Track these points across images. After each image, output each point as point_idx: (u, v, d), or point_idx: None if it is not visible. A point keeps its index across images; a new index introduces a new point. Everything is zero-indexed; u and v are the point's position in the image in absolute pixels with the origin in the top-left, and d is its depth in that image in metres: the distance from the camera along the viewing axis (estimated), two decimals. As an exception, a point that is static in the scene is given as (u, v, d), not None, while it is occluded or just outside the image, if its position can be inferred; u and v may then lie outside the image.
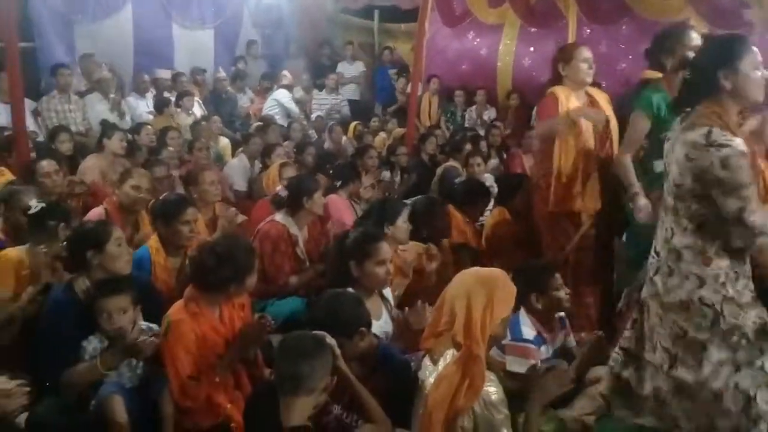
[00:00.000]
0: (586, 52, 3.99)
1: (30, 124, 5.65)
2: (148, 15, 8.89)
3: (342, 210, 4.60)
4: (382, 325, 3.14)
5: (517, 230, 4.65)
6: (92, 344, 2.93)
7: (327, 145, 7.57)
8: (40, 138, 6.24)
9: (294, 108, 8.81)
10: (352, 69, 10.13)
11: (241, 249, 2.99)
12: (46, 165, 4.48)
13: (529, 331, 3.01)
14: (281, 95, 8.86)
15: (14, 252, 3.35)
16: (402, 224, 3.76)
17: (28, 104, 5.86)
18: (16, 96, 4.54)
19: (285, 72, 9.32)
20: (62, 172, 4.73)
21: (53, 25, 7.99)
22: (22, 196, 3.70)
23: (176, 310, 2.87)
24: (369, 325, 2.74)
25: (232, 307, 3.00)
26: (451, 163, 6.48)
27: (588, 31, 8.15)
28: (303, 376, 2.22)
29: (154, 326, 3.04)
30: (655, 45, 3.74)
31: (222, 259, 2.87)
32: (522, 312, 3.05)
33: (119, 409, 2.75)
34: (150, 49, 8.84)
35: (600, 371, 3.18)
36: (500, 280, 2.48)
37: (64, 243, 3.23)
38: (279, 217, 4.12)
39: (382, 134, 8.23)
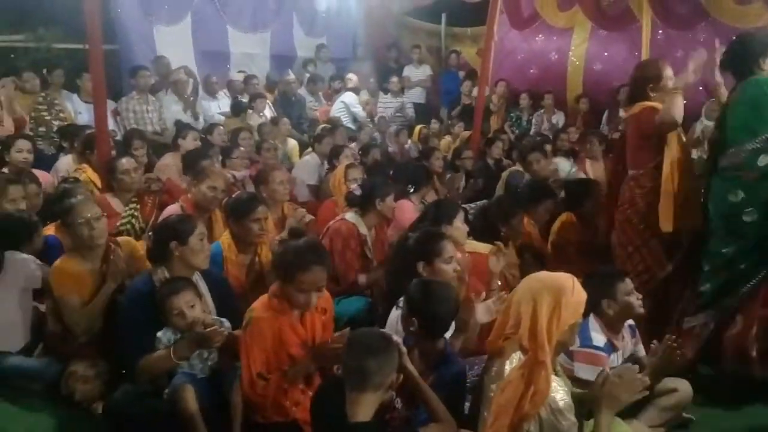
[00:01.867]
0: (669, 70, 3.85)
1: (109, 123, 5.88)
2: (206, 21, 9.19)
3: (410, 215, 4.58)
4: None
5: (584, 236, 4.58)
6: (166, 335, 3.03)
7: (391, 148, 7.61)
8: (118, 137, 6.50)
9: (360, 111, 8.90)
10: (419, 72, 10.16)
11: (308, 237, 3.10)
12: (126, 162, 4.67)
13: (599, 337, 2.96)
14: (348, 98, 8.98)
15: (71, 262, 3.47)
16: (460, 225, 3.78)
17: (109, 104, 6.12)
18: (99, 96, 4.73)
19: (350, 75, 9.43)
20: (140, 169, 4.93)
21: (134, 28, 8.33)
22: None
23: (259, 305, 2.91)
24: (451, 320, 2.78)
25: (315, 309, 3.01)
26: (517, 167, 6.43)
27: (662, 35, 7.94)
28: (370, 373, 2.24)
29: (224, 320, 3.15)
30: (742, 49, 3.59)
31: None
32: (592, 318, 3.00)
33: (191, 398, 2.85)
34: (208, 53, 9.13)
35: (671, 383, 3.11)
36: (569, 285, 2.44)
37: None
38: (349, 216, 4.20)
39: (448, 138, 8.23)
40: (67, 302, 3.35)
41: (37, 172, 5.00)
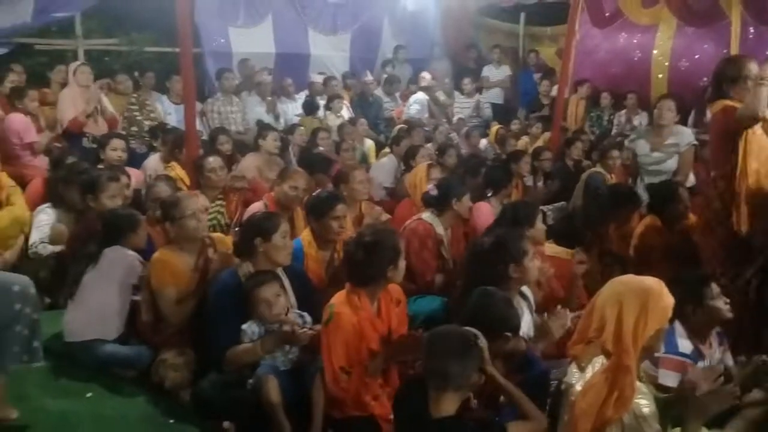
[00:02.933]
0: (753, 66, 3.67)
1: (196, 123, 6.13)
2: (287, 23, 9.40)
3: (487, 218, 4.57)
4: (523, 328, 3.12)
5: (669, 240, 4.44)
6: (251, 328, 3.15)
7: (464, 149, 7.58)
8: (204, 137, 6.76)
9: (421, 111, 8.89)
10: (498, 72, 10.07)
11: (387, 233, 3.08)
12: (212, 161, 4.86)
13: (685, 344, 2.88)
14: (417, 98, 9.00)
15: (171, 255, 3.61)
16: (540, 226, 3.79)
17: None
18: (189, 98, 4.93)
19: (424, 74, 9.45)
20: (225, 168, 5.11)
21: (214, 31, 8.62)
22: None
23: (339, 301, 2.96)
24: (517, 328, 2.74)
25: (390, 301, 3.07)
26: (597, 168, 6.29)
27: (753, 32, 7.58)
28: (451, 375, 2.27)
29: (305, 314, 3.24)
30: None
31: (370, 246, 2.94)
32: (677, 324, 2.92)
33: (274, 390, 2.94)
34: (288, 55, 9.33)
35: (760, 394, 2.99)
36: (656, 289, 2.39)
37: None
38: (426, 216, 4.23)
39: (525, 138, 8.13)
40: (164, 294, 3.49)
41: (129, 169, 5.28)
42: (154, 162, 5.68)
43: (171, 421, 3.21)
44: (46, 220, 4.42)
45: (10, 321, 2.97)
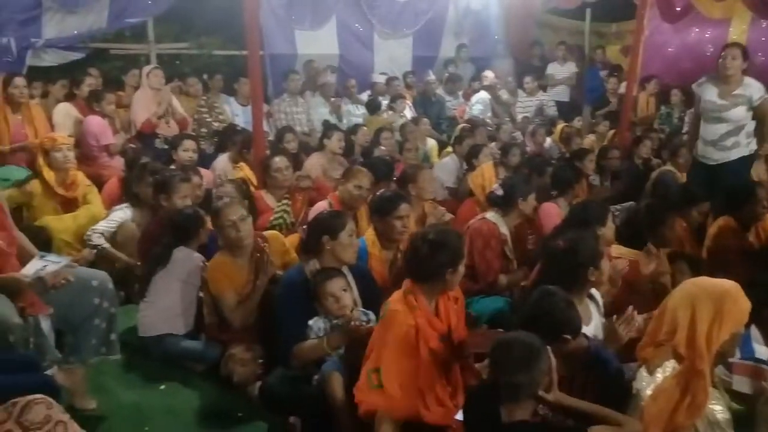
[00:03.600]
0: None
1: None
2: (352, 24, 9.46)
3: (554, 218, 4.48)
4: (591, 330, 3.06)
5: (744, 241, 4.27)
6: (317, 324, 3.19)
7: (528, 147, 7.49)
8: (271, 137, 6.91)
9: (483, 110, 8.82)
10: (563, 70, 9.90)
11: (452, 235, 3.03)
12: (279, 161, 4.97)
13: (761, 349, 2.76)
14: (480, 97, 8.94)
15: (226, 259, 3.71)
16: (611, 225, 3.72)
17: (260, 107, 6.49)
18: (256, 100, 5.05)
19: (486, 73, 9.37)
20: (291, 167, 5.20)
21: (278, 33, 8.77)
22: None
23: (396, 299, 2.94)
24: (578, 330, 2.69)
25: (448, 299, 3.04)
26: (668, 167, 6.11)
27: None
28: (522, 385, 2.25)
29: (370, 312, 3.27)
30: None
31: (435, 244, 2.90)
32: (754, 329, 2.81)
33: (339, 386, 2.96)
34: (351, 56, 9.40)
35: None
36: (731, 292, 2.31)
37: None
38: (490, 215, 4.20)
39: (591, 137, 7.96)
40: (223, 298, 3.60)
41: (200, 170, 5.44)
42: (223, 162, 5.84)
43: (239, 414, 3.29)
44: (119, 216, 4.59)
45: (89, 315, 3.13)
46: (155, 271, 3.80)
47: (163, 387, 3.53)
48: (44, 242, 3.98)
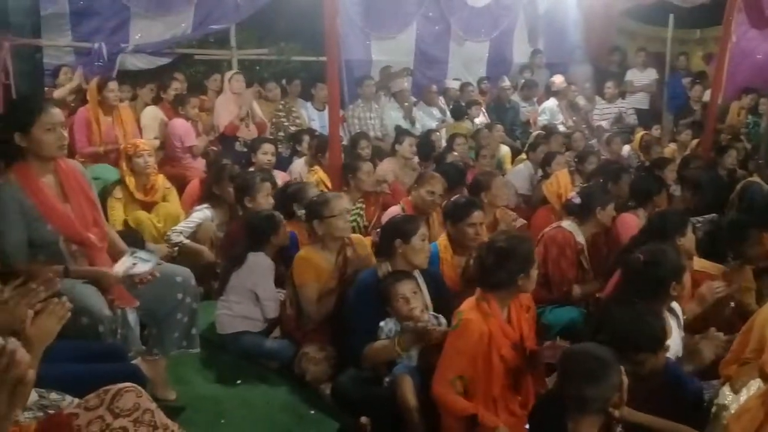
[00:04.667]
0: None
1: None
2: (430, 30, 9.48)
3: (632, 229, 4.29)
4: (672, 345, 2.97)
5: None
6: (388, 326, 3.23)
7: (604, 156, 7.30)
8: (344, 142, 7.01)
9: (558, 117, 8.65)
10: (643, 77, 9.63)
11: (521, 240, 3.01)
12: (365, 166, 5.07)
13: None
14: (547, 105, 8.80)
15: (313, 253, 3.79)
16: (691, 236, 3.61)
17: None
18: (333, 105, 5.14)
19: (554, 78, 9.20)
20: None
21: (354, 40, 8.89)
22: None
23: (469, 307, 2.95)
24: (660, 349, 2.62)
25: (520, 307, 3.03)
26: (754, 178, 5.86)
27: None
28: (590, 399, 2.20)
29: (441, 317, 3.28)
30: None
31: (504, 251, 2.89)
32: None
33: (409, 390, 2.97)
34: (427, 62, 9.42)
35: None
36: (824, 310, 2.21)
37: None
38: (566, 224, 4.15)
39: (672, 145, 7.71)
40: (306, 290, 3.68)
41: (275, 172, 5.59)
42: (299, 166, 5.97)
43: (312, 412, 3.36)
44: (198, 217, 4.76)
45: (172, 309, 3.26)
46: (231, 271, 3.93)
47: (239, 381, 3.64)
48: (134, 244, 4.15)
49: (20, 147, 2.91)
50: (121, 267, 3.03)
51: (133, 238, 4.21)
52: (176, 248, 4.61)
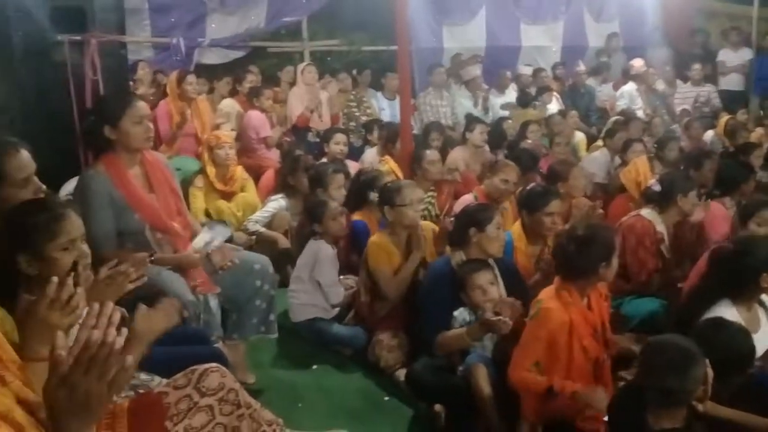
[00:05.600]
0: None
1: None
2: (501, 15, 9.35)
3: (718, 220, 4.18)
4: (760, 338, 2.84)
5: None
6: (462, 315, 3.21)
7: (683, 142, 7.01)
8: (415, 130, 7.00)
9: (637, 102, 8.35)
10: (735, 57, 9.16)
11: (602, 229, 2.98)
12: (430, 154, 5.05)
13: None
14: (625, 90, 8.50)
15: (385, 238, 3.83)
16: None
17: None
18: (404, 94, 5.15)
19: (633, 62, 8.86)
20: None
21: (424, 28, 8.85)
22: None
23: (548, 296, 2.92)
24: (749, 366, 2.51)
25: (599, 295, 2.98)
26: None
27: None
28: (672, 392, 2.14)
29: (517, 302, 3.23)
30: None
31: (584, 240, 2.85)
32: None
33: (483, 379, 2.95)
34: (498, 48, 9.27)
35: None
36: None
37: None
38: (645, 212, 4.02)
39: (760, 130, 7.32)
40: (380, 272, 3.74)
41: (347, 162, 5.65)
42: (371, 155, 6.01)
43: (386, 398, 3.41)
44: (273, 206, 4.88)
45: (251, 295, 3.36)
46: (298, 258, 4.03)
47: (315, 367, 3.72)
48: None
49: (109, 139, 3.05)
50: (200, 241, 3.16)
51: (217, 226, 4.35)
52: (253, 237, 4.73)
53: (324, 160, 5.55)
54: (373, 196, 4.25)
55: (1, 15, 3.74)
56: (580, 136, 7.40)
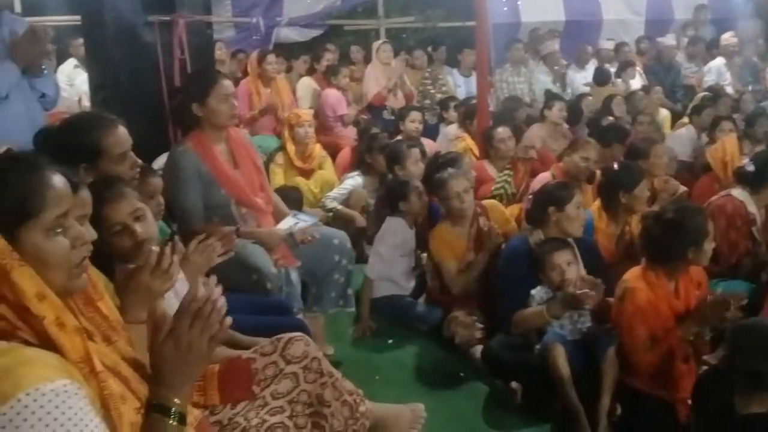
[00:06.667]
0: None
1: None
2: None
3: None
4: None
5: None
6: (539, 294, 3.19)
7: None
8: (491, 108, 6.91)
9: (726, 77, 7.92)
10: None
11: (693, 212, 2.89)
12: (502, 131, 5.00)
13: None
14: (713, 65, 8.10)
15: (446, 228, 3.82)
16: None
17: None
18: (482, 70, 5.11)
19: (725, 35, 8.42)
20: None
21: (503, 2, 8.67)
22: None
23: (634, 277, 2.88)
24: None
25: (689, 282, 2.90)
26: None
27: None
28: (761, 374, 2.08)
29: (599, 281, 3.18)
30: None
31: (673, 223, 2.79)
32: None
33: (561, 359, 2.93)
34: (578, 22, 9.00)
35: None
36: None
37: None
38: (736, 192, 3.87)
39: None
40: (444, 266, 3.74)
41: (423, 140, 5.64)
42: (452, 131, 5.99)
43: (461, 374, 3.42)
44: (350, 184, 4.95)
45: (329, 270, 3.44)
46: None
47: (391, 341, 3.77)
48: (295, 201, 4.41)
49: (197, 117, 3.16)
50: (284, 225, 3.26)
51: (294, 196, 4.47)
52: (330, 214, 4.82)
53: (399, 138, 5.56)
54: None
55: (94, -1, 3.92)
56: (664, 113, 7.13)
